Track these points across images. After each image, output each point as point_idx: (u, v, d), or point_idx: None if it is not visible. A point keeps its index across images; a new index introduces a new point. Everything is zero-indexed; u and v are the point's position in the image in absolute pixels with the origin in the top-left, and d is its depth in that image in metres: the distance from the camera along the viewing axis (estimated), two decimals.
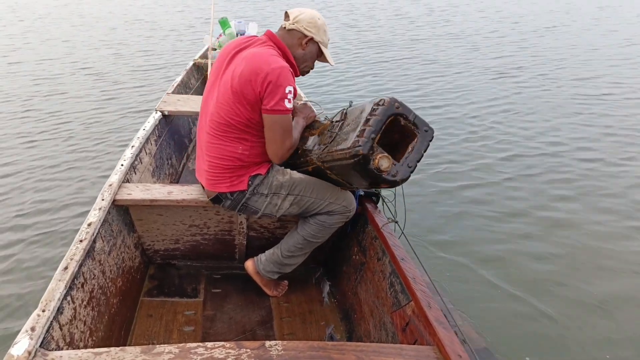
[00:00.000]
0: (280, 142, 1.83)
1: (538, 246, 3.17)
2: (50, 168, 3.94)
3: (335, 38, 9.35)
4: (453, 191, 3.83)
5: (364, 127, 1.62)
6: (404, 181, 1.66)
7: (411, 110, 1.65)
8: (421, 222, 3.36)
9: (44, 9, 12.22)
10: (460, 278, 2.85)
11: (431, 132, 1.68)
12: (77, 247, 1.68)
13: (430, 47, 9.05)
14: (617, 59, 8.20)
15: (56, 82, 6.31)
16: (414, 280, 1.69)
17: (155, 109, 3.18)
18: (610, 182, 4.00)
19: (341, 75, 7.16)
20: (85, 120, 5.02)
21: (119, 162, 2.32)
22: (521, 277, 2.87)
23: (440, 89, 6.62)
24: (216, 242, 2.34)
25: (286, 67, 1.77)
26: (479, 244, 3.19)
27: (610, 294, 2.74)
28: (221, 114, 1.84)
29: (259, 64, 1.75)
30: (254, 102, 1.77)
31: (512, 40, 9.70)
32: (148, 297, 2.19)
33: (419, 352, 1.38)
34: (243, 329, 2.06)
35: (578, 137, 4.97)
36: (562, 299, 2.71)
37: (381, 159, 1.60)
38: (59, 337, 1.43)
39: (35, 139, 4.49)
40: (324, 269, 2.49)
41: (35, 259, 2.82)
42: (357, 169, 1.66)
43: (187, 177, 3.35)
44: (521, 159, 4.50)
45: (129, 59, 7.68)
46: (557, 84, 6.83)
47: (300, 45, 1.91)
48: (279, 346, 1.31)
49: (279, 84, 1.73)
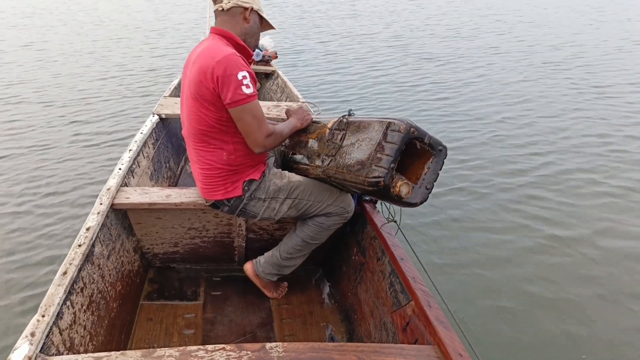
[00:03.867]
0: (257, 129, 1.75)
1: (539, 249, 3.16)
2: (47, 172, 3.93)
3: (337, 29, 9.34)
4: (452, 192, 3.84)
5: (380, 154, 1.59)
6: (423, 202, 1.67)
7: (426, 132, 1.64)
8: (419, 222, 3.37)
9: (36, 11, 12.20)
10: (457, 279, 2.86)
11: (445, 150, 1.67)
12: (76, 252, 1.67)
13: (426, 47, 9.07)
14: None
15: (51, 86, 6.30)
16: (414, 280, 1.69)
17: (153, 113, 3.18)
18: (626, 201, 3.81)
19: (341, 75, 7.18)
20: (82, 125, 5.01)
21: (117, 166, 2.31)
22: (520, 280, 2.86)
23: (440, 88, 6.63)
24: (215, 244, 2.34)
25: (231, 54, 1.68)
26: (477, 243, 3.20)
27: (614, 301, 2.72)
28: (193, 124, 1.82)
29: (204, 60, 1.70)
30: (214, 101, 1.72)
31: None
32: (148, 300, 2.19)
33: (419, 352, 1.38)
34: (243, 331, 2.06)
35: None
36: (561, 304, 2.71)
37: (401, 186, 1.60)
38: (59, 342, 1.43)
39: (31, 145, 4.48)
40: (323, 269, 2.48)
41: (34, 264, 2.81)
42: (376, 194, 1.66)
43: (185, 180, 3.34)
44: (521, 160, 4.52)
45: (126, 63, 7.67)
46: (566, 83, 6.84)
47: (244, 19, 1.84)
48: (280, 348, 1.30)
49: (228, 74, 1.65)
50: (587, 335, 2.47)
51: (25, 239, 3.05)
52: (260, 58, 4.96)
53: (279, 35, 9.91)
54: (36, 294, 2.57)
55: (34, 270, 2.76)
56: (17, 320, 2.40)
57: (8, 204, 3.45)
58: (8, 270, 2.75)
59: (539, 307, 2.64)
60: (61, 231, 3.14)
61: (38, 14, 12.05)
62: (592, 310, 2.64)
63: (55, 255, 2.89)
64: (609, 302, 2.71)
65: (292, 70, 7.31)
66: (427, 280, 1.74)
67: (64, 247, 2.96)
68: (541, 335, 2.46)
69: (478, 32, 10.88)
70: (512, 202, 3.71)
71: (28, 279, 2.69)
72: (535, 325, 2.52)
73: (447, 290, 2.63)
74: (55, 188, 3.69)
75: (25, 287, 2.63)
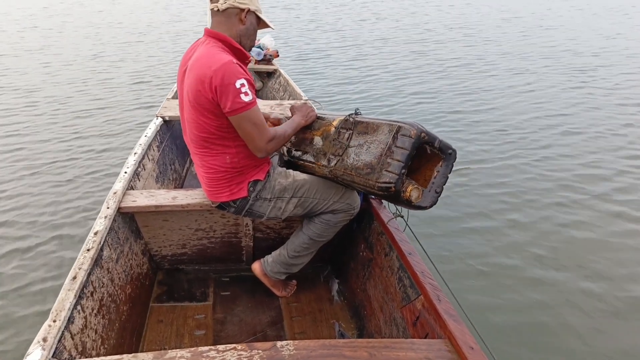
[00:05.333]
0: (257, 136, 1.74)
1: (551, 244, 3.13)
2: (53, 178, 3.95)
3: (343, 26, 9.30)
4: (460, 186, 3.83)
5: (390, 159, 1.59)
6: (432, 206, 1.67)
7: (436, 136, 1.64)
8: (427, 216, 3.36)
9: (40, 13, 12.26)
10: (466, 272, 2.85)
11: (454, 153, 1.67)
12: (85, 256, 1.68)
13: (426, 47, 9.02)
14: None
15: (54, 90, 6.33)
16: (423, 274, 1.69)
17: (156, 115, 3.18)
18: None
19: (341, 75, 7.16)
20: (87, 129, 5.03)
21: (123, 170, 2.32)
22: (530, 273, 2.85)
23: (444, 89, 6.60)
24: (223, 245, 2.35)
25: (228, 63, 1.66)
26: (485, 237, 3.18)
27: (623, 302, 2.68)
28: (194, 131, 1.81)
29: (201, 69, 1.68)
30: (212, 109, 1.71)
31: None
32: (158, 302, 2.20)
33: (430, 346, 1.38)
34: (254, 330, 2.06)
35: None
36: (573, 298, 2.69)
37: (412, 191, 1.61)
38: (71, 346, 1.43)
39: (36, 151, 4.50)
40: (331, 267, 2.49)
41: (43, 269, 2.83)
42: (385, 197, 1.67)
43: (190, 181, 3.35)
44: (527, 157, 4.49)
45: (128, 66, 7.69)
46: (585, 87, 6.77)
47: (240, 21, 1.80)
48: (291, 346, 1.30)
49: (226, 83, 1.64)
50: (599, 329, 2.45)
51: (34, 244, 3.06)
52: (262, 57, 4.96)
53: (281, 36, 9.89)
54: (47, 299, 2.58)
55: (43, 276, 2.78)
56: (28, 325, 2.42)
57: (15, 209, 3.47)
58: (18, 277, 2.77)
59: (550, 300, 2.62)
60: (69, 236, 3.15)
61: (39, 17, 12.11)
62: (606, 306, 2.61)
63: (65, 259, 2.91)
64: (623, 299, 2.67)
65: (294, 68, 7.30)
66: (435, 274, 1.73)
67: (73, 251, 2.98)
68: (552, 328, 2.44)
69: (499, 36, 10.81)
70: (524, 195, 3.68)
71: (38, 285, 2.71)
72: (546, 317, 2.51)
73: (456, 283, 2.62)
74: (62, 193, 3.71)
75: (35, 293, 2.65)
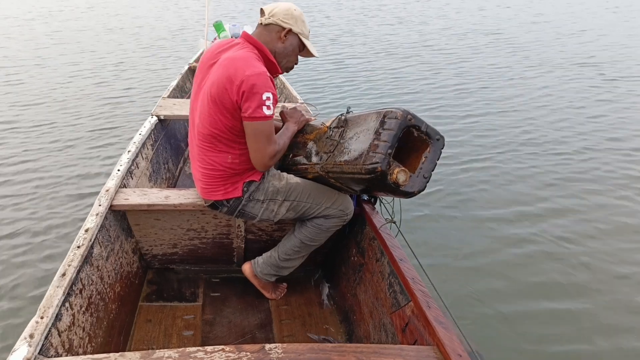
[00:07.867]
0: (263, 149, 1.78)
1: (542, 252, 3.13)
2: (46, 174, 3.92)
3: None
4: (452, 192, 3.84)
5: (377, 141, 1.59)
6: (420, 192, 1.66)
7: (423, 120, 1.64)
8: (419, 223, 3.37)
9: (34, 12, 12.20)
10: (457, 279, 2.85)
11: (442, 140, 1.67)
12: (75, 253, 1.67)
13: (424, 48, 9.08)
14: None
15: (49, 88, 6.30)
16: (413, 281, 1.69)
17: (151, 114, 3.18)
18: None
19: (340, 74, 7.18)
20: (81, 126, 5.00)
21: (116, 167, 2.31)
22: (520, 281, 2.85)
23: (438, 87, 6.64)
24: (214, 245, 2.34)
25: (263, 73, 1.70)
26: (477, 244, 3.19)
27: (617, 303, 2.70)
28: (205, 125, 1.82)
29: (234, 70, 1.70)
30: (232, 110, 1.73)
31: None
32: (147, 302, 2.18)
33: (419, 352, 1.38)
34: (242, 332, 2.06)
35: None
36: (563, 305, 2.70)
37: (399, 173, 1.59)
38: (58, 343, 1.42)
39: (29, 147, 4.47)
40: (322, 270, 2.48)
41: (33, 266, 2.81)
42: (374, 183, 1.65)
43: (184, 181, 3.34)
44: (523, 156, 4.52)
45: (124, 64, 7.67)
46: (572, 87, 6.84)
47: (279, 39, 1.84)
48: (279, 349, 1.30)
49: (255, 91, 1.67)
50: (589, 336, 2.46)
51: (24, 241, 3.04)
52: None
53: None
54: (35, 296, 2.56)
55: (32, 272, 2.75)
56: (15, 321, 2.39)
57: (6, 205, 3.45)
58: (7, 272, 2.75)
59: (539, 309, 2.64)
60: (60, 232, 3.13)
61: (37, 15, 12.05)
62: (596, 313, 2.62)
63: (54, 256, 2.89)
64: (614, 303, 2.68)
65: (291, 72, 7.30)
66: (426, 281, 1.74)
67: (63, 248, 2.95)
68: (541, 336, 2.45)
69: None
70: (514, 204, 3.69)
71: (27, 281, 2.68)
72: (535, 326, 2.52)
73: (446, 290, 2.62)
74: (53, 189, 3.68)
75: (24, 289, 2.62)
